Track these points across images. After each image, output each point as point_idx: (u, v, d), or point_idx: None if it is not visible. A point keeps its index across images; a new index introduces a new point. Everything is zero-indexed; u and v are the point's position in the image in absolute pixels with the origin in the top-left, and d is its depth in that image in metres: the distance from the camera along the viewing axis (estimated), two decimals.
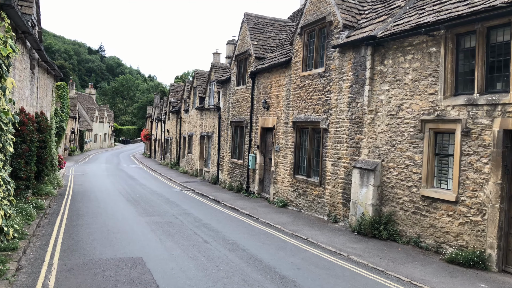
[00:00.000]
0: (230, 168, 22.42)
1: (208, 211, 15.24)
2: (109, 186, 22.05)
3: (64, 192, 18.82)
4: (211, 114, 26.56)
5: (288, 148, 16.23)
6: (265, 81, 18.56)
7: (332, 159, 13.45)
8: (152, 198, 18.04)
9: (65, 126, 40.74)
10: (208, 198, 18.94)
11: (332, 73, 13.65)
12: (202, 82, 30.24)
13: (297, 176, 15.54)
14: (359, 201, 11.77)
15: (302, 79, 15.38)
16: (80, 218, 12.80)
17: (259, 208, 15.98)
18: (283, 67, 16.94)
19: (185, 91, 35.11)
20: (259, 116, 18.97)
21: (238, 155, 21.67)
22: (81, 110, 66.19)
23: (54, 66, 18.89)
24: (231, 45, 36.43)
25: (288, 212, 15.14)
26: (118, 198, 17.79)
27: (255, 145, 19.43)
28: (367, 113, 11.97)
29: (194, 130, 30.51)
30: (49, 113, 20.07)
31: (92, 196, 18.08)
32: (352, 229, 11.86)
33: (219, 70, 26.47)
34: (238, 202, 17.48)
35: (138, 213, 14.13)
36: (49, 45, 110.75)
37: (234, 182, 21.63)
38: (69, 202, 16.12)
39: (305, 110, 15.11)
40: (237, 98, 21.71)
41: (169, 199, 17.85)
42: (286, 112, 16.49)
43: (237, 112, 21.69)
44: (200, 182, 25.30)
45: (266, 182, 18.77)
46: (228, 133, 22.90)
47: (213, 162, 25.69)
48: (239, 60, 21.78)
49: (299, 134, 15.64)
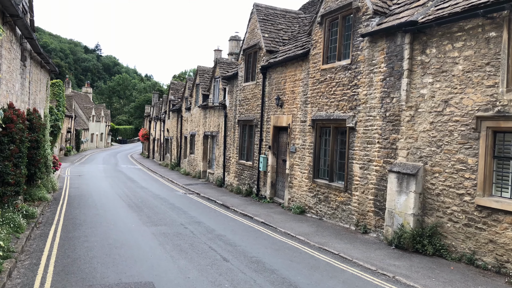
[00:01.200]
0: (237, 170, 20.93)
1: (219, 219, 13.74)
2: (108, 189, 20.52)
3: (59, 197, 17.27)
4: (215, 112, 25.06)
5: (306, 149, 14.75)
6: (278, 76, 17.08)
7: (360, 161, 11.98)
8: (155, 203, 16.52)
9: (60, 125, 39.15)
10: (215, 203, 17.44)
11: (360, 65, 12.18)
12: (206, 79, 28.72)
13: (317, 180, 14.06)
14: (396, 210, 10.30)
15: (323, 72, 13.90)
16: (77, 229, 11.27)
17: (274, 215, 14.50)
18: (300, 60, 15.45)
19: (187, 89, 33.58)
20: (271, 114, 17.49)
21: (246, 156, 20.17)
22: (78, 109, 64.50)
23: (48, 60, 17.36)
24: (234, 41, 34.98)
25: (307, 220, 13.66)
26: (118, 203, 16.26)
27: (266, 145, 17.94)
28: (405, 110, 10.49)
29: (197, 129, 28.99)
30: (43, 110, 18.53)
31: (89, 200, 16.54)
32: (388, 242, 10.39)
33: (224, 66, 24.96)
34: (250, 207, 16.00)
35: (142, 221, 12.61)
36: (45, 44, 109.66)
37: (242, 185, 20.14)
38: (65, 208, 14.59)
39: (327, 107, 13.64)
40: (245, 95, 20.22)
41: (174, 205, 16.34)
42: (304, 109, 15.01)
43: (245, 110, 20.20)
44: (204, 185, 23.79)
45: (279, 185, 17.28)
46: (235, 132, 21.41)
47: (218, 164, 24.18)
48: (248, 54, 20.29)
49: (319, 133, 14.16)
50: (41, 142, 14.96)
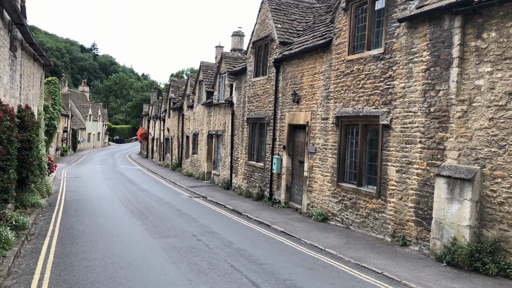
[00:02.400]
0: (246, 171, 19.46)
1: (234, 228, 12.28)
2: (107, 193, 19.02)
3: (54, 202, 15.77)
4: (221, 110, 23.57)
5: (329, 150, 13.31)
6: (293, 69, 15.62)
7: (397, 164, 10.54)
8: (160, 208, 15.04)
9: (56, 124, 37.55)
10: (225, 208, 15.98)
11: (395, 54, 10.73)
12: (210, 75, 27.23)
13: (342, 184, 12.62)
14: (446, 220, 8.85)
15: (349, 64, 12.46)
16: (75, 242, 9.78)
17: (293, 222, 13.05)
18: (320, 51, 14.00)
19: (188, 86, 32.07)
20: (286, 111, 16.03)
21: (257, 157, 18.70)
22: (74, 108, 62.89)
23: (42, 52, 15.83)
24: (237, 36, 33.60)
25: (332, 229, 12.21)
26: (119, 209, 14.77)
27: (280, 145, 16.48)
28: (455, 104, 9.05)
29: (200, 128, 27.49)
30: (37, 107, 17.01)
31: (88, 206, 15.05)
32: (437, 257, 8.94)
33: (230, 60, 23.48)
34: (264, 214, 14.54)
35: (148, 232, 11.13)
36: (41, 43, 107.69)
37: (252, 188, 18.68)
38: (61, 215, 13.10)
39: (354, 102, 12.20)
40: (255, 91, 18.75)
41: (181, 210, 14.86)
42: (325, 105, 13.57)
43: (255, 107, 18.73)
44: (210, 187, 22.31)
45: (295, 189, 15.83)
46: (243, 131, 19.94)
47: (224, 164, 22.70)
48: (258, 47, 18.82)
49: (344, 132, 12.71)
50: (34, 142, 13.46)
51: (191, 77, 32.25)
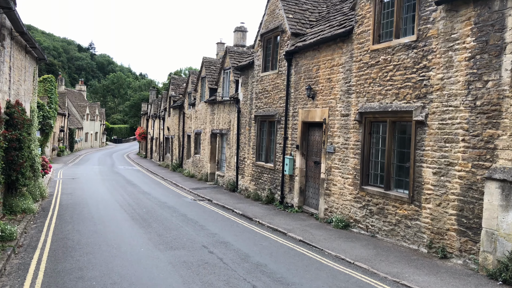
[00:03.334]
0: (254, 172, 18.23)
1: (247, 237, 11.05)
2: (106, 196, 17.76)
3: (48, 206, 14.52)
4: (226, 107, 22.32)
5: (350, 149, 12.09)
6: (308, 62, 14.39)
7: (434, 165, 9.32)
8: (163, 214, 13.80)
9: (53, 123, 36.23)
10: (234, 213, 14.75)
11: (431, 41, 9.51)
12: (213, 71, 25.97)
13: (366, 188, 11.39)
14: (501, 231, 7.64)
15: (374, 54, 11.24)
16: (69, 256, 8.53)
17: (311, 230, 11.83)
18: (339, 41, 12.77)
19: (190, 83, 30.81)
20: (299, 107, 14.80)
21: (266, 157, 17.47)
22: (71, 107, 61.53)
23: (35, 43, 14.56)
24: (240, 32, 32.45)
25: (357, 237, 10.98)
26: (119, 214, 13.53)
27: (292, 144, 15.26)
28: (509, 96, 7.83)
29: (203, 127, 26.23)
30: (29, 104, 15.74)
31: (85, 211, 13.79)
32: (489, 274, 7.73)
33: (236, 55, 22.24)
34: (277, 219, 13.32)
35: (153, 242, 9.89)
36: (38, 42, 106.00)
37: (261, 190, 17.45)
38: (54, 222, 11.85)
39: (380, 97, 10.98)
40: (264, 86, 17.52)
41: (186, 216, 13.63)
42: (346, 100, 12.35)
43: (264, 104, 17.50)
44: (214, 189, 21.07)
45: (309, 192, 14.60)
46: (251, 129, 18.71)
47: (229, 165, 21.46)
48: (267, 39, 17.60)
49: (368, 129, 11.49)
50: (25, 141, 12.20)
51: (193, 74, 31.00)
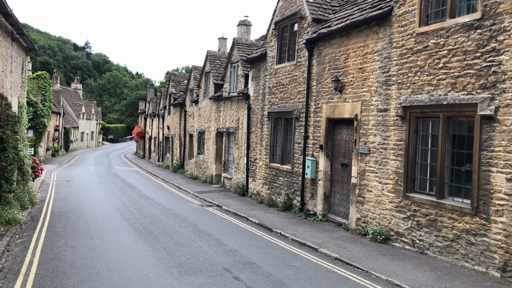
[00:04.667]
0: (267, 175, 16.49)
1: (273, 255, 9.32)
2: (104, 201, 15.98)
3: (38, 215, 12.75)
4: (233, 104, 20.56)
5: (390, 150, 10.37)
6: (334, 50, 12.68)
7: (508, 169, 7.61)
8: (170, 224, 12.05)
9: (47, 122, 34.34)
10: (248, 222, 13.03)
11: (502, 19, 7.80)
12: (218, 66, 24.21)
13: (412, 195, 9.67)
14: None
15: (422, 38, 9.52)
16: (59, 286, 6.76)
17: (344, 244, 10.11)
18: (374, 25, 11.04)
19: (192, 79, 29.03)
20: (323, 102, 13.08)
21: (282, 158, 15.73)
22: (66, 106, 59.60)
23: (22, 29, 12.79)
24: (244, 26, 30.71)
25: (403, 254, 9.26)
26: (120, 225, 11.77)
27: (315, 144, 13.53)
28: None
29: (207, 125, 24.45)
30: (17, 99, 13.94)
31: (80, 221, 12.03)
32: None
33: (244, 47, 20.49)
34: (301, 230, 11.60)
35: (162, 264, 8.13)
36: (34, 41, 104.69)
37: (276, 195, 15.71)
38: (44, 236, 10.08)
39: (430, 88, 9.26)
40: (279, 80, 15.79)
41: (197, 226, 11.89)
42: (384, 93, 10.63)
43: (279, 99, 15.77)
44: (221, 193, 19.31)
45: (335, 199, 12.88)
46: (263, 128, 16.97)
47: (237, 167, 19.71)
48: (282, 28, 15.87)
49: (414, 126, 9.78)
50: (9, 140, 10.43)
51: (195, 70, 29.20)
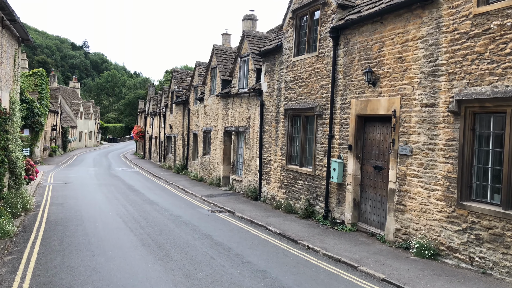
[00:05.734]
0: (284, 178, 15.07)
1: (309, 276, 7.89)
2: (105, 207, 14.53)
3: (32, 224, 11.30)
4: (243, 101, 19.12)
5: (439, 151, 8.95)
6: (365, 39, 11.26)
7: None
8: (182, 235, 10.61)
9: (43, 121, 32.77)
10: (268, 232, 11.61)
11: None
12: (225, 61, 22.76)
13: (468, 204, 8.25)
14: None
15: (481, 20, 8.10)
16: None
17: (386, 261, 8.70)
18: (417, 7, 9.61)
19: (196, 76, 27.58)
20: (352, 97, 11.66)
21: (300, 160, 14.30)
22: (64, 105, 58.04)
23: (14, 15, 11.36)
24: (249, 20, 29.32)
25: (462, 275, 7.84)
26: (125, 236, 10.32)
27: (342, 144, 12.12)
28: None
29: (214, 124, 22.99)
30: (8, 94, 12.49)
31: (79, 232, 10.58)
32: None
33: (255, 40, 19.06)
34: (330, 242, 10.19)
35: None
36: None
37: (294, 200, 14.28)
38: (37, 252, 8.64)
39: (493, 78, 7.85)
40: (297, 73, 14.36)
41: (212, 238, 10.45)
42: (430, 85, 9.21)
43: (297, 94, 14.35)
44: (231, 196, 17.88)
45: (367, 206, 11.45)
46: (278, 126, 15.55)
47: (248, 168, 18.26)
48: (300, 16, 14.46)
49: (470, 124, 8.36)
50: None
51: (199, 66, 27.76)
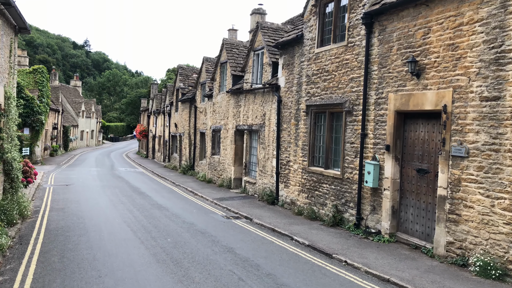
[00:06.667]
0: (306, 181, 13.74)
1: None
2: (110, 213, 13.22)
3: (29, 234, 10.00)
4: (257, 97, 17.76)
5: (505, 152, 7.61)
6: (406, 24, 9.92)
7: None
8: (200, 248, 9.29)
9: (44, 119, 31.49)
10: (295, 243, 10.29)
11: None
12: (236, 55, 21.40)
13: None
14: None
15: None
16: None
17: (447, 282, 7.40)
18: None
19: (203, 72, 26.24)
20: (391, 91, 10.32)
21: (326, 161, 12.96)
22: (65, 103, 56.74)
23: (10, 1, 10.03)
24: (258, 15, 28.12)
25: None
26: (136, 250, 8.99)
27: (376, 144, 10.78)
28: None
29: (224, 122, 21.65)
30: (3, 87, 11.17)
31: (82, 245, 9.25)
32: None
33: (270, 32, 17.70)
34: (371, 256, 8.86)
35: None
36: (31, 39, 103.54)
37: (318, 206, 12.95)
38: (33, 273, 7.32)
39: None
40: (321, 66, 13.03)
41: (235, 251, 9.13)
42: (492, 75, 7.87)
43: (321, 89, 13.02)
44: (244, 200, 16.54)
45: (408, 214, 10.10)
46: (299, 124, 14.22)
47: (263, 170, 16.92)
48: (324, 3, 13.15)
49: None
50: None
51: (207, 61, 26.41)
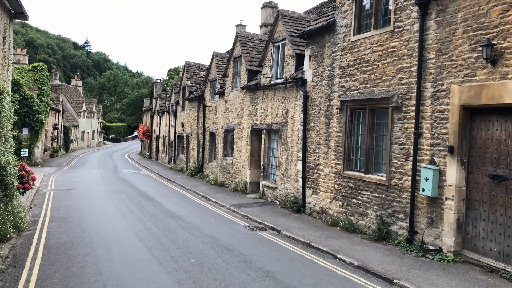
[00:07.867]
0: (340, 188, 12.09)
1: None
2: (119, 224, 11.57)
3: (25, 252, 8.36)
4: (277, 94, 16.11)
5: None
6: (475, 2, 8.28)
7: None
8: (232, 272, 7.64)
9: (44, 119, 29.90)
10: (341, 263, 8.64)
11: None
12: (251, 49, 19.74)
13: None
14: None
15: None
16: None
17: None
18: None
19: (213, 68, 24.59)
20: (453, 82, 8.68)
21: (366, 165, 11.30)
22: (66, 103, 55.09)
23: None
24: (269, 8, 26.64)
25: None
26: (154, 276, 7.33)
27: (435, 145, 9.13)
28: None
29: (238, 121, 19.98)
30: None
31: (89, 269, 7.60)
32: None
33: (292, 21, 16.04)
34: (443, 283, 7.29)
35: None
36: (32, 40, 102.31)
37: (356, 216, 11.30)
38: None
39: None
40: (360, 55, 11.39)
41: (275, 276, 7.49)
42: None
43: (360, 82, 11.38)
44: (265, 207, 14.88)
45: (478, 229, 8.44)
46: (331, 122, 12.58)
47: (285, 173, 15.26)
48: None
49: None
50: None
51: (217, 57, 24.75)
